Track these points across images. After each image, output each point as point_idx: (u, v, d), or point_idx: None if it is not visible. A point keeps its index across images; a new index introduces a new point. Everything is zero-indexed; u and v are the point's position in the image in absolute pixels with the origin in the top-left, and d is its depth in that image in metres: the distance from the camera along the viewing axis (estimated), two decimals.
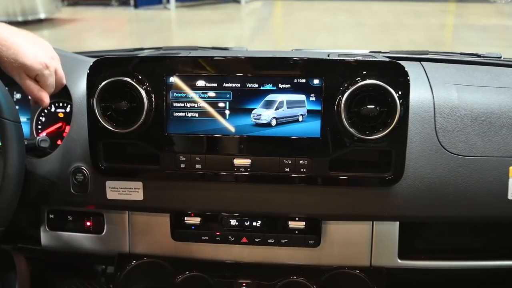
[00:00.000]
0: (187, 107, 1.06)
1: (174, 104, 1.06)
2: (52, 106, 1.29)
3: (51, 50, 1.10)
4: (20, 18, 8.52)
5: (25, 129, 1.26)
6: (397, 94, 0.99)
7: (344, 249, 1.16)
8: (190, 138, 1.08)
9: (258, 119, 1.05)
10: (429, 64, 1.25)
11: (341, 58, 1.05)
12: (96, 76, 1.06)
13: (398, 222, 1.13)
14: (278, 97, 1.04)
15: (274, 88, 1.04)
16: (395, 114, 0.99)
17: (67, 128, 1.24)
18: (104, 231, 1.21)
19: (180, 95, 1.06)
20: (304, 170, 1.06)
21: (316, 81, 1.03)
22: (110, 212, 1.20)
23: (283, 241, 1.15)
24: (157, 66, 1.06)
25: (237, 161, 1.07)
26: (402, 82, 1.01)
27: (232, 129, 1.07)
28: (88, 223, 1.21)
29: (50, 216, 1.22)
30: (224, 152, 1.07)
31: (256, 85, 1.05)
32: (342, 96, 1.00)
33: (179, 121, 1.07)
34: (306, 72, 1.03)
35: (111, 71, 1.05)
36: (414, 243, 1.20)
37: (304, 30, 8.55)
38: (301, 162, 1.06)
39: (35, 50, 1.04)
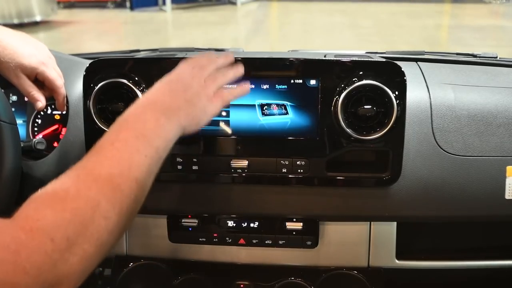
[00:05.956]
0: None
1: None
2: (48, 108, 1.28)
3: (47, 50, 1.09)
4: (16, 21, 8.53)
5: (21, 131, 1.25)
6: (394, 95, 0.99)
7: (341, 249, 1.15)
8: (186, 139, 1.07)
9: (255, 120, 1.05)
10: (425, 64, 1.25)
11: (338, 58, 1.05)
12: (92, 78, 1.05)
13: (395, 223, 1.13)
14: (275, 98, 1.04)
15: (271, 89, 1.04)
16: (392, 114, 0.99)
17: (64, 130, 1.24)
18: None
19: None
20: (301, 171, 1.06)
21: (312, 82, 1.03)
22: None
23: (280, 242, 1.14)
24: (153, 68, 1.06)
25: (234, 162, 1.07)
26: (398, 82, 1.00)
27: (229, 130, 1.06)
28: None
29: None
30: (221, 153, 1.07)
31: (253, 86, 1.04)
32: (339, 97, 1.00)
33: None
34: (303, 73, 1.03)
35: (107, 72, 1.05)
36: (412, 244, 1.20)
37: (300, 31, 8.56)
38: (298, 163, 1.06)
39: (31, 50, 1.04)
